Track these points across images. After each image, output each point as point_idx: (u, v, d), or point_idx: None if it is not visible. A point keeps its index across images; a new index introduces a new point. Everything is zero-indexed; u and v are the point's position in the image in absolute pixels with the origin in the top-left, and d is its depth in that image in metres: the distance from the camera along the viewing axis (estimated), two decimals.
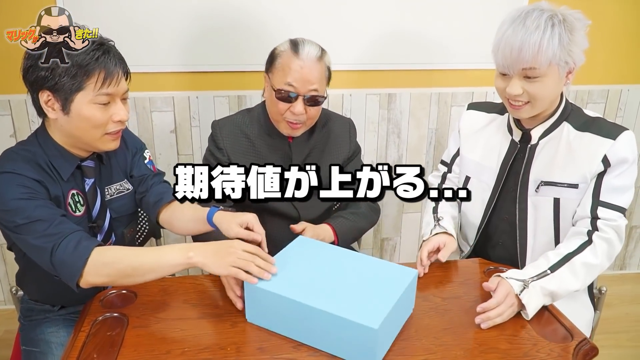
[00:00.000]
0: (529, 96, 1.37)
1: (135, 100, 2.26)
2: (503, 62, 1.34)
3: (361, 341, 1.07)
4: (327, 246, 1.37)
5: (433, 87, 2.42)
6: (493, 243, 1.61)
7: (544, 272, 1.32)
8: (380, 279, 1.21)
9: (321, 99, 1.55)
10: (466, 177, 1.63)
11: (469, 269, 1.47)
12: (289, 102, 1.51)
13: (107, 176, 1.47)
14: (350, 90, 2.37)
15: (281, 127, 1.59)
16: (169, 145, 2.36)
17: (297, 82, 1.49)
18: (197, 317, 1.25)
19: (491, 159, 1.57)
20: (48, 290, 1.46)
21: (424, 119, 2.47)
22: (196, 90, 2.29)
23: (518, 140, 1.51)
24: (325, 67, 1.55)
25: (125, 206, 1.51)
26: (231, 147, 1.62)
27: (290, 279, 1.19)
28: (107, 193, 1.46)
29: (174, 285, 1.38)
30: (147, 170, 1.56)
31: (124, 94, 1.33)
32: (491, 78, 2.40)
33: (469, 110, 1.67)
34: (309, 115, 1.55)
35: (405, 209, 2.62)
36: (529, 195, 1.49)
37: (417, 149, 2.53)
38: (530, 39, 1.29)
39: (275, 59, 1.54)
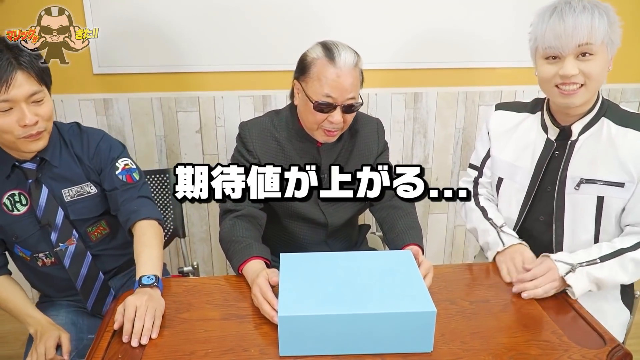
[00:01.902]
0: (585, 76, 1.34)
1: (162, 100, 2.28)
2: (556, 43, 1.31)
3: (418, 329, 1.11)
4: (315, 255, 1.32)
5: (460, 86, 2.38)
6: (529, 244, 1.56)
7: (594, 260, 1.35)
8: (390, 267, 1.25)
9: (358, 105, 1.51)
10: (499, 178, 1.59)
11: (498, 272, 1.43)
12: (327, 112, 1.48)
13: (62, 178, 1.48)
14: (375, 90, 2.35)
15: (317, 135, 1.55)
16: (193, 145, 2.36)
17: (335, 93, 1.44)
18: (220, 318, 1.24)
19: (524, 159, 1.53)
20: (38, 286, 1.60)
21: (450, 118, 2.43)
22: (221, 90, 2.29)
23: (554, 138, 1.47)
24: (360, 72, 1.52)
25: (86, 209, 1.52)
26: (260, 149, 1.59)
27: (316, 296, 1.15)
28: (67, 195, 1.48)
29: (197, 285, 1.38)
30: (118, 182, 1.53)
31: (29, 97, 1.29)
32: (520, 76, 2.44)
33: (497, 111, 1.63)
34: (345, 122, 1.51)
35: (432, 209, 2.59)
36: (567, 193, 1.45)
37: (444, 149, 2.49)
38: (581, 17, 1.29)
39: (308, 67, 1.48)
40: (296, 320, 1.10)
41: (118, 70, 2.21)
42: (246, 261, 1.38)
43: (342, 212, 1.67)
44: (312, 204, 1.62)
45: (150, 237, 1.46)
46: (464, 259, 2.71)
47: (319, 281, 1.20)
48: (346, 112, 1.48)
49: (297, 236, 1.67)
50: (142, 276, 1.32)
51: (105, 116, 2.28)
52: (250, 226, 1.50)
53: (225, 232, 1.49)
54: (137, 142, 2.34)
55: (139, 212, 1.50)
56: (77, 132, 1.53)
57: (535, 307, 1.28)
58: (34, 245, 1.49)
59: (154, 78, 2.25)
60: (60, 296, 1.61)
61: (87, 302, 1.56)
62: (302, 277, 1.22)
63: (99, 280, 1.56)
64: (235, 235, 1.46)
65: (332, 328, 1.10)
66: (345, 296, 1.15)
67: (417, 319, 1.10)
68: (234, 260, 1.42)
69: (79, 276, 1.53)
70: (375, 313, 1.10)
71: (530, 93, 2.37)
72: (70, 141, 1.51)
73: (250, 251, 1.40)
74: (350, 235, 1.80)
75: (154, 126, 2.32)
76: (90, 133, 1.55)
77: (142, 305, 1.21)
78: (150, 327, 1.19)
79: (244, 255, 1.40)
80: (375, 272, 1.24)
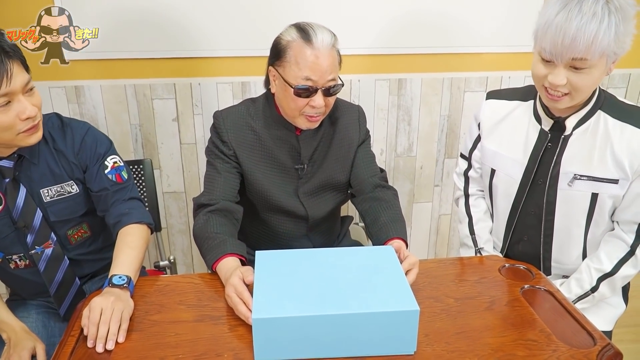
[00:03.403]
0: (571, 87, 1.27)
1: (136, 88, 2.19)
2: (551, 49, 1.23)
3: (401, 329, 1.06)
4: (292, 252, 1.27)
5: (445, 72, 2.32)
6: (518, 238, 1.53)
7: (586, 294, 1.41)
8: (371, 264, 1.20)
9: (339, 87, 1.44)
10: (491, 169, 1.53)
11: (485, 267, 1.39)
12: (308, 97, 1.40)
13: (41, 177, 1.39)
14: (358, 76, 2.27)
15: (299, 122, 1.47)
16: (171, 134, 2.28)
17: (315, 75, 1.37)
18: (193, 320, 1.17)
19: (517, 151, 1.47)
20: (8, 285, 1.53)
21: (435, 105, 2.37)
22: (198, 76, 2.20)
23: (548, 129, 1.41)
24: (337, 52, 1.44)
25: (67, 210, 1.43)
26: (236, 140, 1.51)
27: (292, 297, 1.09)
28: (46, 195, 1.39)
29: (170, 284, 1.31)
30: (108, 182, 1.45)
31: (24, 87, 1.22)
32: (507, 62, 2.38)
33: (488, 100, 1.56)
34: (327, 105, 1.44)
35: (417, 198, 2.54)
36: (560, 189, 1.40)
37: (429, 137, 2.43)
38: (586, 28, 1.17)
39: (284, 51, 1.40)
40: (271, 322, 1.04)
41: (90, 56, 2.10)
42: (220, 259, 1.31)
43: (323, 204, 1.60)
44: (291, 195, 1.55)
45: (134, 239, 1.39)
46: (449, 248, 2.67)
47: (296, 280, 1.14)
48: (327, 94, 1.41)
49: (277, 230, 1.60)
50: (114, 275, 1.26)
51: (77, 104, 2.19)
52: (225, 221, 1.43)
53: (199, 227, 1.42)
54: (112, 132, 2.25)
55: (131, 216, 1.43)
56: (59, 125, 1.43)
57: (523, 304, 1.23)
58: (7, 247, 1.40)
59: (128, 64, 2.15)
60: (31, 297, 1.53)
61: (60, 307, 1.48)
62: (278, 276, 1.16)
63: (74, 286, 1.49)
64: (209, 231, 1.39)
65: (310, 330, 1.05)
66: (324, 296, 1.09)
67: (400, 318, 1.05)
68: (208, 258, 1.35)
69: (53, 281, 1.45)
70: (355, 313, 1.04)
71: (517, 79, 2.32)
72: (51, 135, 1.41)
73: (224, 248, 1.33)
74: (332, 228, 1.74)
75: (129, 115, 2.23)
76: (74, 126, 1.44)
77: (108, 307, 1.14)
78: (116, 331, 1.12)
79: (217, 253, 1.33)
80: (355, 269, 1.18)
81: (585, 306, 1.42)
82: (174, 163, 2.33)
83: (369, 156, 1.64)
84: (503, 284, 1.31)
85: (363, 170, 1.61)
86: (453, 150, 2.45)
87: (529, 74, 1.37)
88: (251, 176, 1.52)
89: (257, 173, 1.52)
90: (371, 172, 1.61)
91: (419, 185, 2.51)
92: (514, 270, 1.38)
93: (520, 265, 1.39)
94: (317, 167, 1.57)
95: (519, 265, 1.39)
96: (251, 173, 1.52)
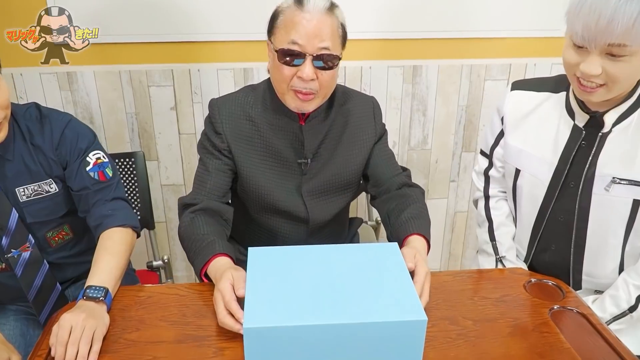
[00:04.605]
0: (608, 78, 1.10)
1: (131, 74, 2.05)
2: (583, 33, 1.06)
3: (406, 341, 0.95)
4: (288, 250, 1.14)
5: (464, 59, 2.15)
6: (544, 247, 1.37)
7: (623, 313, 1.23)
8: (373, 264, 1.08)
9: (334, 59, 1.25)
10: (516, 169, 1.37)
11: (507, 282, 1.22)
12: (294, 65, 1.23)
13: (16, 174, 1.27)
14: (370, 62, 2.11)
15: (288, 100, 1.29)
16: (169, 123, 2.15)
17: (302, 39, 1.20)
18: (174, 341, 1.04)
19: (546, 149, 1.30)
20: None
21: (453, 94, 2.20)
22: (197, 62, 2.06)
23: (583, 126, 1.24)
24: (338, 22, 1.26)
25: (46, 210, 1.31)
26: (231, 131, 1.36)
27: (288, 302, 0.96)
28: (22, 194, 1.27)
29: (153, 296, 1.17)
30: (89, 180, 1.32)
31: None
32: (532, 47, 2.19)
33: (514, 92, 1.38)
34: (321, 83, 1.26)
35: (431, 194, 2.38)
36: (595, 193, 1.23)
37: (445, 129, 2.26)
38: (625, 8, 1.00)
39: (276, 18, 1.27)
40: (265, 332, 0.92)
41: None
42: (208, 262, 1.16)
43: (327, 207, 1.44)
44: (292, 194, 1.40)
45: (116, 244, 1.26)
46: (465, 247, 2.51)
47: (292, 282, 1.02)
48: (321, 67, 1.24)
49: (273, 232, 1.44)
50: (90, 286, 1.13)
51: (70, 91, 2.06)
52: (212, 221, 1.28)
53: (184, 229, 1.27)
54: (106, 121, 2.12)
55: (114, 218, 1.30)
56: (37, 117, 1.30)
57: (552, 329, 1.07)
58: None
59: (122, 48, 2.01)
60: (10, 302, 1.41)
61: (40, 314, 1.36)
62: (271, 276, 1.04)
63: (55, 291, 1.37)
64: (195, 232, 1.24)
65: (306, 341, 0.93)
66: (321, 301, 0.97)
67: (405, 329, 0.94)
68: (196, 263, 1.20)
69: (32, 287, 1.33)
70: (356, 323, 0.93)
71: (544, 67, 2.15)
72: (28, 128, 1.28)
73: (212, 249, 1.18)
74: (337, 233, 1.57)
75: (124, 102, 2.10)
76: (53, 118, 1.31)
77: (79, 325, 1.01)
78: (86, 353, 0.99)
79: (205, 256, 1.18)
80: (356, 269, 1.06)
81: (620, 327, 1.25)
82: (172, 154, 2.19)
83: (388, 154, 1.48)
84: (529, 303, 1.15)
85: (385, 169, 1.44)
86: (471, 143, 2.29)
87: (557, 62, 1.21)
88: (246, 171, 1.36)
89: (252, 168, 1.36)
90: (394, 171, 1.45)
91: (433, 180, 2.35)
92: (541, 287, 1.22)
93: (548, 280, 1.23)
94: (323, 162, 1.40)
95: (547, 281, 1.23)
96: (246, 168, 1.36)
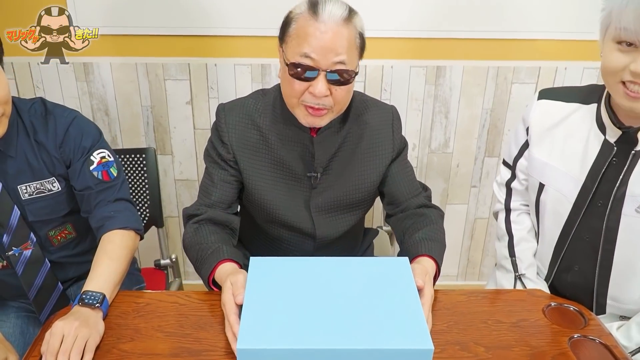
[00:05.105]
0: None
1: (148, 67, 2.02)
2: (634, 27, 0.98)
3: None
4: (291, 262, 1.09)
5: (490, 60, 2.06)
6: (567, 267, 1.29)
7: None
8: (380, 280, 1.04)
9: (350, 75, 1.16)
10: (540, 184, 1.29)
11: (525, 305, 1.15)
12: (306, 80, 1.15)
13: (18, 171, 1.23)
14: (391, 62, 2.04)
15: (298, 114, 1.21)
16: (184, 118, 2.11)
17: (316, 52, 1.11)
18: (169, 354, 0.99)
19: (573, 164, 1.22)
20: None
21: (477, 97, 2.11)
22: (214, 56, 2.01)
23: (614, 141, 1.16)
24: (356, 32, 1.17)
25: (48, 209, 1.27)
26: (237, 141, 1.28)
27: (287, 321, 0.92)
28: (24, 192, 1.24)
29: (151, 303, 1.13)
30: (93, 180, 1.28)
31: None
32: (563, 50, 2.08)
33: (541, 101, 1.30)
34: (335, 98, 1.17)
35: (450, 199, 2.30)
36: (624, 214, 1.15)
37: (468, 132, 2.18)
38: None
39: (289, 24, 1.18)
40: (259, 354, 0.88)
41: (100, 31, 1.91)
42: (214, 269, 1.13)
43: (335, 225, 1.36)
44: (299, 209, 1.33)
45: (117, 247, 1.22)
46: (484, 255, 2.43)
47: (292, 298, 0.98)
48: (335, 83, 1.15)
49: (278, 242, 1.39)
50: (86, 292, 1.09)
51: (86, 82, 2.04)
52: (217, 229, 1.24)
53: (189, 239, 1.24)
54: (122, 114, 2.10)
55: (115, 220, 1.26)
56: (41, 113, 1.26)
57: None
58: None
59: (139, 40, 1.98)
60: (12, 299, 1.39)
61: (40, 313, 1.34)
62: (271, 291, 1.00)
63: (56, 290, 1.34)
64: (200, 241, 1.20)
65: None
66: (322, 321, 0.93)
67: (410, 357, 0.89)
68: (203, 272, 1.17)
69: (32, 285, 1.30)
70: (356, 349, 0.90)
71: (575, 71, 2.03)
72: (32, 125, 1.25)
73: (217, 256, 1.15)
74: (348, 247, 1.48)
75: (140, 95, 2.07)
76: (58, 115, 1.27)
77: (70, 334, 0.98)
78: None
79: (211, 263, 1.14)
80: (361, 287, 1.02)
81: None
82: (186, 149, 2.16)
83: (407, 171, 1.38)
84: (547, 330, 1.08)
85: (403, 188, 1.35)
86: (495, 148, 2.20)
87: (590, 66, 1.12)
88: (251, 183, 1.30)
89: (258, 180, 1.30)
90: (413, 191, 1.36)
91: (453, 185, 2.27)
92: (562, 312, 1.14)
93: (569, 305, 1.15)
94: (334, 177, 1.32)
95: (568, 306, 1.15)
96: (252, 179, 1.30)
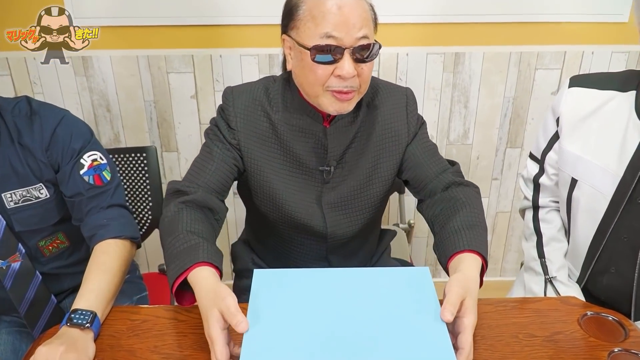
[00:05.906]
0: None
1: (149, 59, 1.94)
2: None
3: None
4: (299, 274, 1.00)
5: (513, 45, 1.96)
6: (603, 269, 1.19)
7: None
8: (398, 298, 0.93)
9: (375, 49, 1.07)
10: (572, 179, 1.19)
11: (559, 315, 1.04)
12: (332, 62, 1.05)
13: (2, 178, 1.15)
14: (407, 49, 1.94)
15: (325, 103, 1.10)
16: (189, 113, 2.03)
17: (338, 30, 1.02)
18: None
19: (609, 158, 1.12)
20: None
21: (499, 85, 2.01)
22: (219, 47, 1.94)
23: None
24: (368, 4, 1.08)
25: (36, 218, 1.19)
26: (246, 129, 1.19)
27: (291, 345, 0.83)
28: (9, 200, 1.15)
29: (149, 320, 1.04)
30: (84, 185, 1.19)
31: None
32: (590, 33, 1.96)
33: (572, 89, 1.19)
34: (362, 77, 1.08)
35: None
36: None
37: (489, 122, 2.07)
38: None
39: (296, 9, 1.07)
40: None
41: (98, 22, 1.85)
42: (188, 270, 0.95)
43: (349, 222, 1.25)
44: (311, 204, 1.23)
45: (110, 259, 1.13)
46: (506, 250, 2.32)
47: (299, 318, 0.89)
48: (360, 60, 1.05)
49: (290, 245, 1.29)
50: (76, 310, 1.00)
51: (85, 77, 1.97)
52: (201, 217, 1.09)
53: (168, 220, 1.07)
54: (124, 109, 2.02)
55: (109, 228, 1.17)
56: (26, 113, 1.18)
57: None
58: None
59: (140, 32, 1.91)
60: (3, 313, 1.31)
61: (33, 329, 1.26)
62: (277, 309, 0.90)
63: (49, 304, 1.26)
64: (178, 229, 1.03)
65: None
66: (329, 346, 0.84)
67: None
68: (171, 267, 0.98)
69: (23, 300, 1.22)
70: None
71: (602, 56, 1.93)
72: (17, 126, 1.16)
73: (195, 254, 0.97)
74: (363, 249, 1.37)
75: (142, 90, 2.00)
76: (44, 115, 1.19)
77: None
78: None
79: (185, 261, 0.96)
80: (374, 305, 0.92)
81: None
82: (192, 145, 2.08)
83: (429, 149, 1.25)
84: (584, 344, 0.97)
85: (426, 169, 1.23)
86: (517, 138, 2.09)
87: (619, 50, 1.02)
88: (260, 175, 1.20)
89: (269, 173, 1.20)
90: (438, 168, 1.22)
91: (474, 178, 2.16)
92: (600, 322, 1.03)
93: (608, 315, 1.04)
94: (348, 170, 1.22)
95: (606, 315, 1.04)
96: (260, 171, 1.20)
